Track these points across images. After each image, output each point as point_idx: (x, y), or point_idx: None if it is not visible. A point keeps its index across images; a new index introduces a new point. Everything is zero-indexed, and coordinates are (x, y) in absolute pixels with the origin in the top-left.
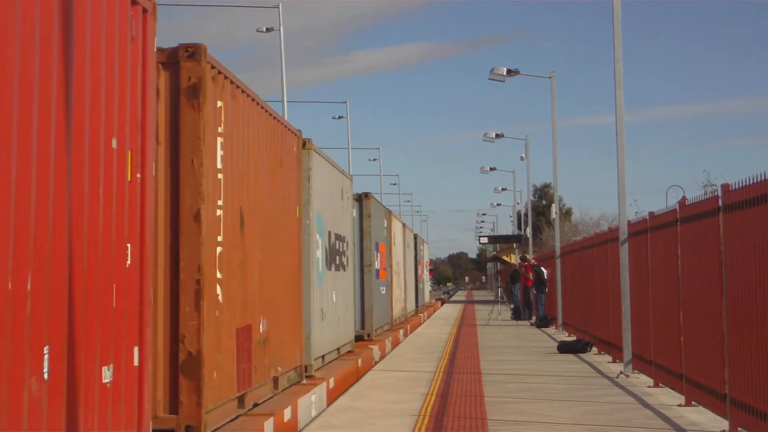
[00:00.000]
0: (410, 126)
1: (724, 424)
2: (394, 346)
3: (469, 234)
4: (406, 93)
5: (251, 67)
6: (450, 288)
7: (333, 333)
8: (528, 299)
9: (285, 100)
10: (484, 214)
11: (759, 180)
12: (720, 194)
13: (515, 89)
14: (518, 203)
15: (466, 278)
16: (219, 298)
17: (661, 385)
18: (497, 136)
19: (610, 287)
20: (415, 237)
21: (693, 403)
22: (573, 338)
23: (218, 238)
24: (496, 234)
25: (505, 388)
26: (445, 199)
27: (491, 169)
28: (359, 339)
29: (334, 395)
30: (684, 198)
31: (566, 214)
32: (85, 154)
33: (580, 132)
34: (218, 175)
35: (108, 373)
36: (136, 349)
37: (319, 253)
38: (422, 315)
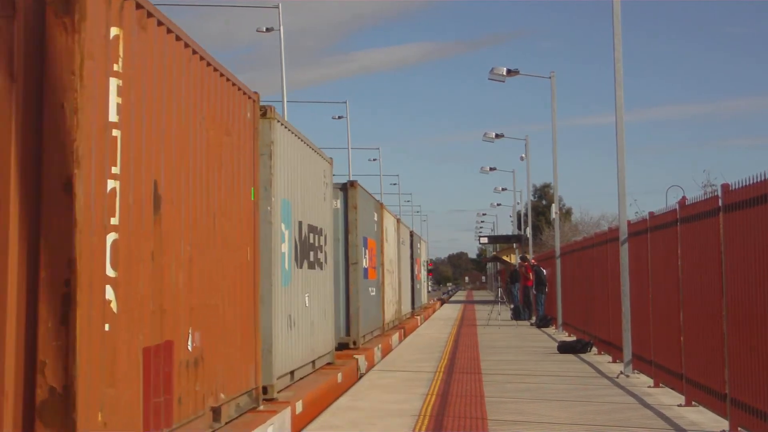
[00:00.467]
0: (410, 126)
1: (724, 424)
2: (385, 353)
3: (469, 234)
4: (406, 93)
5: (251, 67)
6: (450, 288)
7: (306, 343)
8: (528, 299)
9: (285, 100)
10: (484, 214)
11: (759, 180)
12: (720, 194)
13: (515, 89)
14: (518, 203)
15: (466, 278)
16: (112, 307)
17: (661, 385)
18: (497, 136)
19: (610, 287)
20: (411, 234)
21: (693, 403)
22: (573, 338)
23: (111, 220)
24: (496, 234)
25: (505, 388)
26: (445, 199)
27: (491, 169)
28: (344, 347)
29: (304, 421)
30: (684, 198)
31: (566, 214)
32: None
33: (580, 132)
34: (112, 132)
35: None
36: None
37: (286, 248)
38: (419, 317)
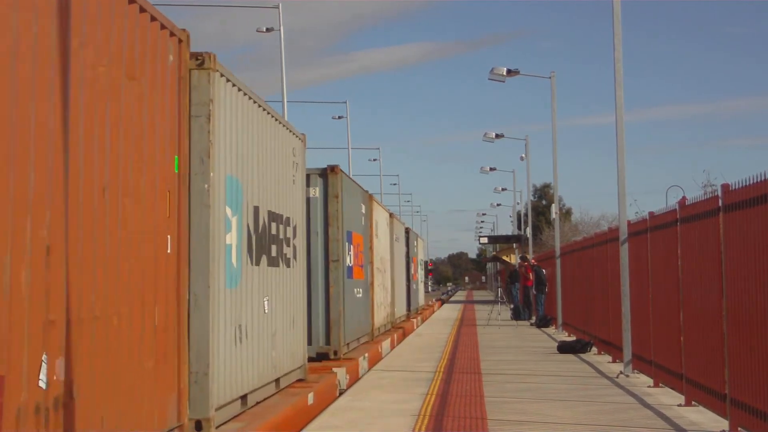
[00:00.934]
0: (410, 126)
1: (724, 424)
2: (372, 364)
3: (469, 234)
4: (406, 93)
5: (250, 67)
6: (450, 288)
7: (264, 359)
8: (528, 299)
9: (285, 100)
10: (484, 214)
11: (759, 180)
12: (720, 194)
13: (515, 89)
14: (518, 203)
15: (466, 278)
16: None
17: (661, 385)
18: (497, 136)
19: (610, 287)
20: (408, 230)
21: (693, 403)
22: (573, 338)
23: None
24: (496, 234)
25: (504, 388)
26: (445, 199)
27: (491, 169)
28: (323, 358)
29: None
30: (684, 198)
31: (566, 214)
32: None
33: (580, 132)
34: None
35: None
36: None
37: (233, 238)
38: (415, 320)
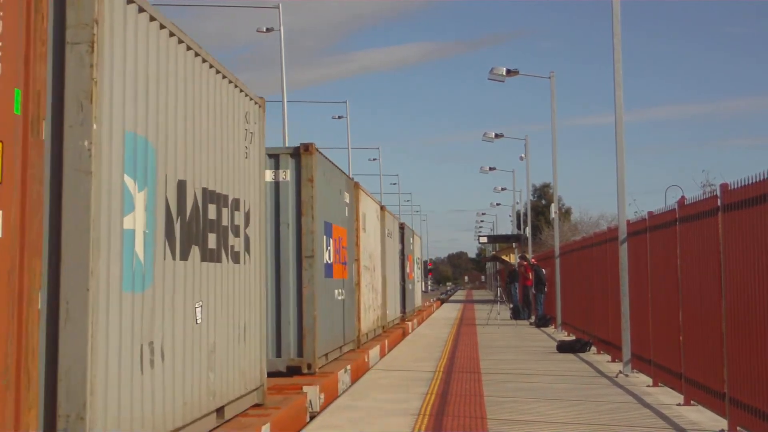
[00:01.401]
0: (410, 126)
1: (723, 423)
2: (356, 377)
3: (469, 234)
4: (406, 93)
5: (250, 67)
6: (449, 288)
7: (195, 385)
8: (527, 299)
9: (285, 100)
10: (483, 214)
11: (758, 180)
12: (719, 194)
13: (515, 89)
14: (518, 203)
15: (466, 278)
16: None
17: (660, 384)
18: (497, 136)
19: (610, 287)
20: (402, 226)
21: (692, 402)
22: (572, 338)
23: None
24: (495, 234)
25: (504, 387)
26: (445, 199)
27: (491, 169)
28: (295, 372)
29: None
30: (683, 198)
31: (566, 213)
32: None
33: (580, 132)
34: None
35: None
36: None
37: (138, 222)
38: (411, 323)
